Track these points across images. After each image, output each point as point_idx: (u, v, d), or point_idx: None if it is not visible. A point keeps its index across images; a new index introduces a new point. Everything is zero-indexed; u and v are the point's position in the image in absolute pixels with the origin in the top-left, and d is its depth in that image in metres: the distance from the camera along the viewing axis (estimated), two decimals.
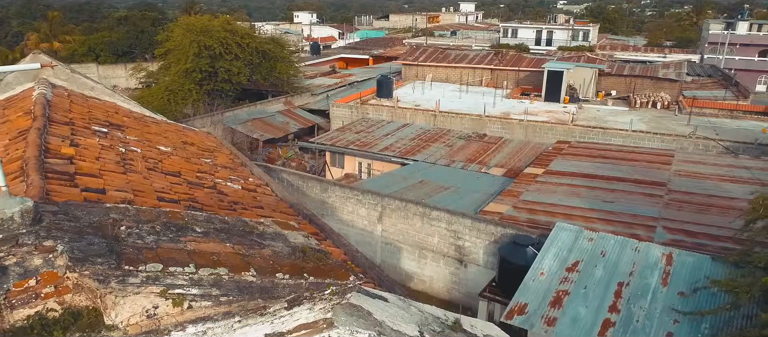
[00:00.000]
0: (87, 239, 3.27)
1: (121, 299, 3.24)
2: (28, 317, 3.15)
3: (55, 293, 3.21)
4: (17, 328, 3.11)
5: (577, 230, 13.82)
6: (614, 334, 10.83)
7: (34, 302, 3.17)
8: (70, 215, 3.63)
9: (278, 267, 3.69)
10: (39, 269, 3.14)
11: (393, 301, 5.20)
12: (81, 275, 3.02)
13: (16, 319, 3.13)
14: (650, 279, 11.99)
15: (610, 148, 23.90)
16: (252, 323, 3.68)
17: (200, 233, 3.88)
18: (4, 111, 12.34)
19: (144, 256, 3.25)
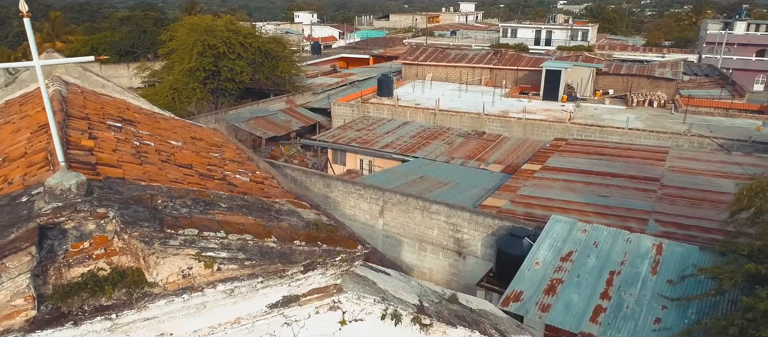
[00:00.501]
0: (132, 208, 3.77)
1: (161, 260, 3.75)
2: (83, 274, 3.66)
3: (105, 254, 3.72)
4: (74, 284, 3.62)
5: (571, 222, 14.34)
6: (605, 319, 11.35)
7: (87, 262, 3.68)
8: (114, 189, 4.13)
9: (295, 236, 4.20)
10: (92, 233, 3.64)
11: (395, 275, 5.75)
12: (130, 236, 3.52)
13: (73, 276, 3.64)
14: (641, 268, 12.51)
15: (606, 146, 24.41)
16: (272, 285, 4.19)
17: (225, 208, 4.38)
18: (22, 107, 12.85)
19: (181, 223, 3.76)
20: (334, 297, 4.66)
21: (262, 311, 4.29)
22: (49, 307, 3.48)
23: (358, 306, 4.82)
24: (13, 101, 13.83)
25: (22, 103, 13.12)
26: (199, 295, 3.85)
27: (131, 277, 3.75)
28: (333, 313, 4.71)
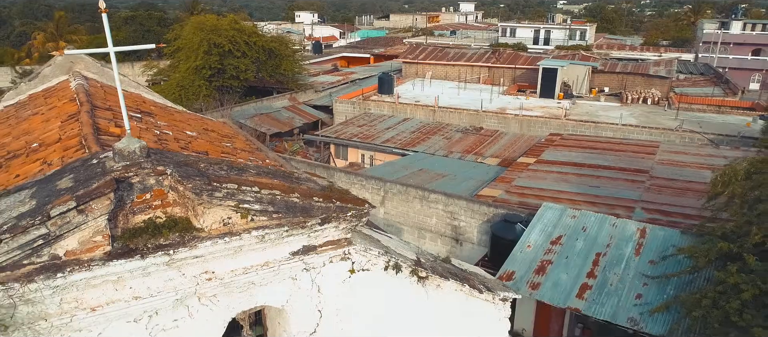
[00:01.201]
0: (183, 167, 4.63)
1: (207, 210, 4.63)
2: (144, 221, 4.53)
3: (161, 205, 4.59)
4: (136, 228, 4.49)
5: (561, 209, 15.21)
6: (590, 295, 12.23)
7: (148, 210, 4.55)
8: (164, 154, 4.99)
9: (313, 195, 5.07)
10: (152, 187, 4.51)
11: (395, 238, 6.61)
12: (185, 188, 4.39)
13: (136, 222, 4.51)
14: (625, 250, 13.38)
15: (599, 140, 25.28)
16: (295, 234, 5.08)
17: (254, 173, 5.25)
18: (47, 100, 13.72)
19: (222, 180, 4.62)
20: (345, 249, 5.55)
21: (286, 258, 5.18)
22: (120, 244, 4.36)
23: (364, 257, 5.71)
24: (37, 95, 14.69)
25: (46, 97, 13.99)
26: (237, 239, 4.73)
27: (182, 224, 4.63)
28: (344, 262, 5.59)
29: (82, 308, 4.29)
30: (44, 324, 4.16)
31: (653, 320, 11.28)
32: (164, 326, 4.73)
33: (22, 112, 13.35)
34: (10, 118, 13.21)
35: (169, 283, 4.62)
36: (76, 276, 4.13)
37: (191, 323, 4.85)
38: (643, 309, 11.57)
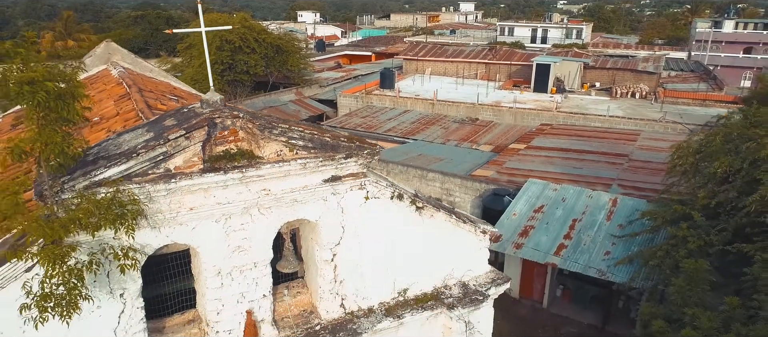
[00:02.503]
0: (251, 113, 6.54)
1: (266, 143, 6.54)
2: (223, 150, 6.44)
3: (235, 140, 6.50)
4: (217, 156, 6.39)
5: (544, 184, 17.14)
6: (566, 253, 14.15)
7: (225, 143, 6.46)
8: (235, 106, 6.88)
9: (340, 137, 6.98)
10: (229, 126, 6.40)
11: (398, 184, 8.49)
12: (254, 126, 6.29)
13: (217, 151, 6.41)
14: (598, 216, 15.31)
15: (586, 129, 27.19)
16: (327, 165, 6.99)
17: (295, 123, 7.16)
18: (92, 85, 15.66)
19: (277, 123, 6.52)
20: (362, 180, 7.46)
21: (320, 183, 7.09)
22: (208, 164, 6.26)
23: (376, 188, 7.63)
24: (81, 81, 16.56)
25: (91, 82, 15.94)
26: (286, 165, 6.64)
27: (249, 153, 6.53)
28: (361, 191, 7.51)
29: (183, 208, 6.19)
30: (160, 217, 6.06)
31: (618, 270, 13.21)
32: (234, 227, 6.63)
33: None
34: None
35: (239, 195, 6.52)
36: (182, 183, 6.03)
37: (253, 227, 6.76)
38: (610, 262, 13.51)
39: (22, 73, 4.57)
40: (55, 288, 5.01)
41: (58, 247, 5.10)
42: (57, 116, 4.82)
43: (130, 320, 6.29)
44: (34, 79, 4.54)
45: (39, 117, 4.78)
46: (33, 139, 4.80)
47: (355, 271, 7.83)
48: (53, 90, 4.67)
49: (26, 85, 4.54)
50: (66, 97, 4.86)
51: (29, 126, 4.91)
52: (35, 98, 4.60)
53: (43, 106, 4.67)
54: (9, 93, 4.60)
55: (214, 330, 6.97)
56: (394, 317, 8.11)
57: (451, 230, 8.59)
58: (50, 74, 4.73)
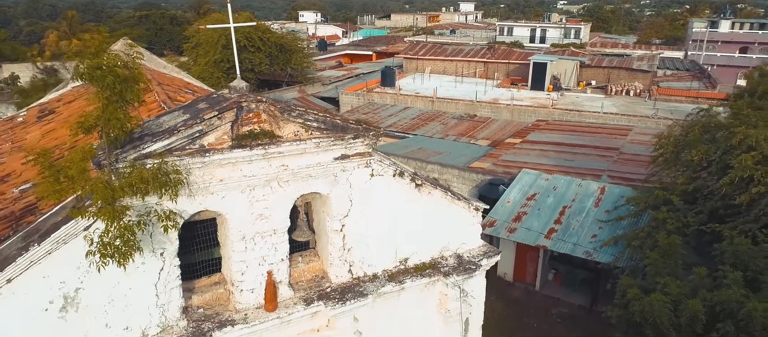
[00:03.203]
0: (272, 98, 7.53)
1: (285, 124, 7.52)
2: (248, 130, 7.42)
3: (258, 121, 7.48)
4: (243, 135, 7.38)
5: (537, 174, 18.13)
6: (556, 236, 15.14)
7: (250, 124, 7.44)
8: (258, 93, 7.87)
9: (349, 120, 7.98)
10: (253, 109, 7.38)
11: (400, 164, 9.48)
12: (275, 108, 7.28)
13: (243, 131, 7.39)
14: (587, 203, 16.30)
15: (580, 125, 28.18)
16: (337, 144, 7.98)
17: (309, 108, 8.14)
18: None
19: (294, 106, 7.51)
20: (367, 159, 8.44)
21: (331, 161, 8.08)
22: (236, 142, 7.25)
23: (380, 166, 8.62)
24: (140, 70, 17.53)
25: None
26: (303, 144, 7.63)
27: (270, 133, 7.52)
28: (367, 168, 8.50)
29: (214, 179, 7.18)
30: (195, 187, 7.05)
31: (603, 251, 14.21)
32: (257, 197, 7.61)
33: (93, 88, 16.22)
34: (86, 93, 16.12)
35: (262, 169, 7.51)
36: (214, 157, 7.02)
37: (273, 198, 7.74)
38: (597, 244, 14.51)
39: (96, 60, 5.57)
40: (114, 240, 6.01)
41: (115, 207, 6.09)
42: (120, 97, 5.82)
43: (168, 276, 7.28)
44: (104, 65, 5.53)
45: (105, 97, 5.78)
46: (99, 115, 5.80)
47: (361, 241, 8.82)
48: (120, 75, 5.66)
49: (98, 70, 5.53)
50: (129, 81, 5.85)
51: (96, 104, 5.90)
52: (105, 81, 5.60)
53: (110, 88, 5.67)
54: (83, 75, 5.60)
55: (238, 289, 7.96)
56: (396, 283, 9.10)
57: (447, 206, 9.58)
58: (117, 62, 5.73)
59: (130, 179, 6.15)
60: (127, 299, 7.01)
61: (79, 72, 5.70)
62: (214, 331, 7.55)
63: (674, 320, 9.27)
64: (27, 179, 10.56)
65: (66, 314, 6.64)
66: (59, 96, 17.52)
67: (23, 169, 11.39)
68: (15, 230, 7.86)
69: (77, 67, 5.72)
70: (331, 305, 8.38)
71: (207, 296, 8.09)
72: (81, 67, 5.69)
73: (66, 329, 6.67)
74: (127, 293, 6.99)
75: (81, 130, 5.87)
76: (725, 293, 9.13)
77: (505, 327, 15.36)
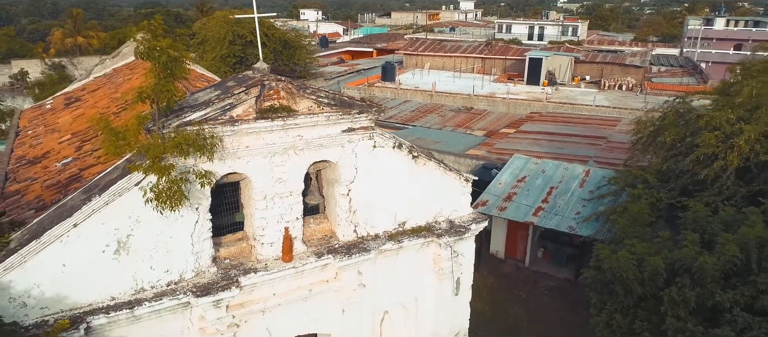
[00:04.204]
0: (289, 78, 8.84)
1: (300, 100, 8.83)
2: (269, 105, 8.73)
3: (278, 97, 8.78)
4: (265, 109, 8.68)
5: (527, 158, 19.44)
6: (543, 214, 16.45)
7: (270, 100, 8.75)
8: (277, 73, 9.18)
9: (354, 98, 9.28)
10: (273, 87, 8.68)
11: None
12: (293, 86, 8.58)
13: (265, 106, 8.70)
14: (572, 184, 17.61)
15: (571, 116, 29.48)
16: (344, 118, 9.29)
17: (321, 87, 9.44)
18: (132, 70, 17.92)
19: (308, 85, 8.81)
20: (371, 132, 9.75)
21: (339, 133, 9.39)
22: (257, 115, 8.56)
23: (381, 139, 9.93)
24: (121, 68, 18.93)
25: (130, 68, 18.23)
26: (315, 117, 8.93)
27: (287, 108, 8.83)
28: (370, 141, 9.81)
29: (241, 146, 8.48)
30: (224, 152, 8.35)
31: (585, 226, 15.53)
32: (277, 162, 8.91)
33: (115, 78, 17.62)
34: (108, 83, 17.47)
35: (281, 139, 8.81)
36: (241, 127, 8.32)
37: (290, 164, 9.03)
38: (579, 220, 15.82)
39: (154, 42, 6.88)
40: (165, 190, 7.32)
41: (164, 164, 7.41)
42: (170, 73, 7.12)
43: (201, 228, 8.59)
44: (160, 46, 6.84)
45: (159, 72, 7.09)
46: (154, 88, 7.11)
47: (365, 204, 10.12)
48: (171, 55, 6.97)
49: (155, 50, 6.83)
50: (177, 60, 7.16)
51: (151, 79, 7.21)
52: (160, 59, 6.90)
53: (164, 65, 6.98)
54: (143, 54, 6.91)
55: (259, 243, 9.27)
56: (395, 242, 10.42)
57: (440, 176, 10.90)
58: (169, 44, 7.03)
59: (176, 141, 7.46)
60: (168, 246, 8.32)
61: (140, 51, 7.01)
62: (239, 276, 8.87)
63: (638, 275, 10.57)
64: (66, 155, 11.90)
65: (119, 256, 7.95)
66: (82, 86, 18.82)
67: (61, 147, 12.72)
68: (64, 194, 9.20)
69: (138, 47, 7.03)
70: (338, 258, 9.69)
71: (232, 249, 9.41)
72: (141, 47, 6.99)
73: (119, 269, 7.99)
74: (168, 241, 8.31)
75: (139, 100, 7.19)
76: (683, 252, 10.43)
77: (497, 298, 16.66)
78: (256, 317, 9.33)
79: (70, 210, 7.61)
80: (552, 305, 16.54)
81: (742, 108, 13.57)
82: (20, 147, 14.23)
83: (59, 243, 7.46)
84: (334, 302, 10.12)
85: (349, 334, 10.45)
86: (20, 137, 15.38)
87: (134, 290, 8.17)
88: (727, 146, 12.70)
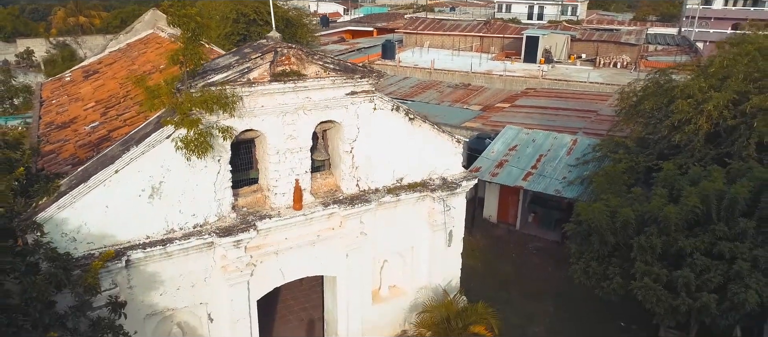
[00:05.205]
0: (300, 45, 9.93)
1: (309, 65, 9.95)
2: (281, 70, 9.85)
3: (289, 63, 9.90)
4: (278, 73, 9.80)
5: (519, 129, 20.58)
6: (532, 178, 17.64)
7: (282, 65, 9.87)
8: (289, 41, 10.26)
9: (357, 64, 10.39)
10: (285, 54, 9.78)
11: None
12: (303, 53, 9.69)
13: (277, 70, 9.82)
14: (560, 152, 18.77)
15: (565, 92, 30.52)
16: (348, 82, 10.43)
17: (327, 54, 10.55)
18: (146, 45, 18.97)
19: (316, 52, 9.91)
20: (371, 96, 10.88)
21: (343, 96, 10.52)
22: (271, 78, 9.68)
23: (381, 102, 11.07)
24: (134, 43, 19.96)
25: (144, 43, 19.26)
26: (322, 80, 10.06)
27: (297, 72, 9.95)
28: (370, 103, 10.95)
29: (257, 105, 9.62)
30: (242, 110, 9.49)
31: (570, 189, 16.73)
32: (288, 121, 10.05)
33: (130, 53, 18.68)
34: (123, 57, 18.52)
35: (291, 100, 9.94)
36: (257, 88, 9.45)
37: (300, 123, 10.17)
38: (565, 184, 17.01)
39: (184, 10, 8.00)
40: (194, 140, 8.50)
41: (192, 118, 8.57)
42: (197, 38, 8.24)
43: (222, 177, 9.77)
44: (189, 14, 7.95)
45: (188, 37, 8.21)
46: (183, 51, 8.24)
47: (366, 161, 11.30)
48: (198, 22, 8.08)
49: (185, 18, 7.95)
50: (203, 27, 8.27)
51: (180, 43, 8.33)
52: (189, 25, 8.02)
53: (192, 31, 8.09)
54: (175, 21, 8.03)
55: (273, 193, 10.47)
56: (393, 195, 11.62)
57: (434, 136, 12.07)
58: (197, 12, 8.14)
59: (202, 98, 8.61)
60: (194, 192, 9.52)
61: (171, 20, 8.12)
62: (256, 221, 10.09)
63: (611, 225, 11.78)
64: (92, 119, 13.05)
65: (153, 200, 9.16)
66: (99, 59, 19.87)
67: (86, 113, 13.87)
68: (97, 152, 10.36)
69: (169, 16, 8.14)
70: (343, 208, 10.90)
71: (249, 199, 10.62)
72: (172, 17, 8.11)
73: (152, 211, 9.20)
74: (194, 188, 9.50)
75: (170, 62, 8.32)
76: (651, 204, 11.63)
77: (488, 257, 17.92)
78: (270, 258, 10.58)
79: (111, 159, 8.79)
80: (540, 263, 17.82)
81: (714, 77, 14.65)
82: (47, 114, 15.38)
83: (103, 187, 8.66)
84: (339, 248, 11.36)
85: (353, 277, 11.72)
86: (45, 106, 16.51)
87: (166, 230, 9.40)
88: (698, 112, 13.81)
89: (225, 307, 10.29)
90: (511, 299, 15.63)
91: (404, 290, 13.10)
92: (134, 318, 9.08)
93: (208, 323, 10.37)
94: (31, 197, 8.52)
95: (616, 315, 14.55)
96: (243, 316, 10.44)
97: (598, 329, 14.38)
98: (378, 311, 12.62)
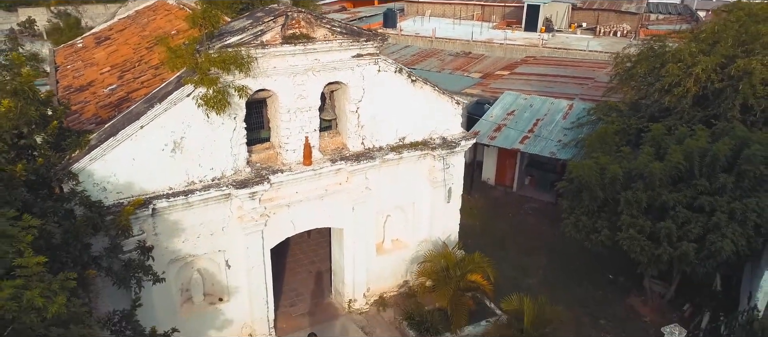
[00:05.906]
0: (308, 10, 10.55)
1: (317, 28, 10.59)
2: (291, 33, 10.49)
3: (298, 26, 10.53)
4: (289, 36, 10.45)
5: (517, 94, 21.22)
6: (528, 142, 18.38)
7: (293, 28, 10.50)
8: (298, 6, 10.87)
9: (362, 28, 11.02)
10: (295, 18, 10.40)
11: None
12: (311, 16, 10.32)
13: (288, 33, 10.46)
14: (557, 116, 19.46)
15: (564, 60, 30.98)
16: (354, 45, 11.09)
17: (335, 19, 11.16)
18: (155, 12, 19.46)
19: (324, 16, 10.54)
20: (376, 58, 11.53)
21: (349, 58, 11.18)
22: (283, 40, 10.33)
23: (384, 64, 11.74)
24: (143, 10, 20.45)
25: (152, 10, 19.74)
26: (329, 43, 10.71)
27: (306, 36, 10.59)
28: (375, 65, 11.61)
29: (270, 66, 10.29)
30: (255, 71, 10.17)
31: (564, 151, 17.48)
32: (298, 82, 10.74)
33: (140, 19, 19.19)
34: (133, 24, 19.05)
35: (301, 61, 10.60)
36: (270, 50, 10.11)
37: (309, 83, 10.86)
38: (560, 147, 17.75)
39: None
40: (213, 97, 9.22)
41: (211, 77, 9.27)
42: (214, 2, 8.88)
43: (237, 134, 10.52)
44: None
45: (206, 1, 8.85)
46: (202, 13, 8.89)
47: (371, 120, 12.02)
48: None
49: None
50: None
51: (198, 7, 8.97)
52: None
53: None
54: None
55: (284, 150, 11.22)
56: (396, 153, 12.38)
57: (435, 98, 12.76)
58: None
59: (220, 58, 9.30)
60: (212, 147, 10.28)
61: None
62: (269, 175, 10.87)
63: (600, 181, 12.57)
64: (110, 83, 13.73)
65: (175, 154, 9.92)
66: (109, 26, 20.41)
67: (103, 77, 14.53)
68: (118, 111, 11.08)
69: None
70: (349, 164, 11.67)
71: (262, 155, 11.38)
72: None
73: (174, 164, 9.97)
74: (212, 144, 10.26)
75: (191, 24, 8.98)
76: (638, 161, 12.40)
77: (486, 217, 18.79)
78: (282, 210, 11.41)
79: (137, 115, 9.52)
80: (535, 222, 18.70)
81: (705, 42, 15.24)
82: (64, 79, 16.04)
83: (130, 141, 9.42)
84: (345, 202, 12.18)
85: (358, 229, 12.57)
86: (60, 71, 17.14)
87: (187, 182, 10.19)
88: (687, 75, 14.46)
89: (241, 254, 11.17)
90: (507, 254, 16.53)
91: (406, 243, 13.98)
92: (159, 262, 9.93)
93: (226, 269, 11.26)
94: (64, 150, 9.27)
95: (604, 268, 15.48)
96: (258, 263, 11.33)
97: (587, 280, 15.32)
98: (382, 263, 13.52)
